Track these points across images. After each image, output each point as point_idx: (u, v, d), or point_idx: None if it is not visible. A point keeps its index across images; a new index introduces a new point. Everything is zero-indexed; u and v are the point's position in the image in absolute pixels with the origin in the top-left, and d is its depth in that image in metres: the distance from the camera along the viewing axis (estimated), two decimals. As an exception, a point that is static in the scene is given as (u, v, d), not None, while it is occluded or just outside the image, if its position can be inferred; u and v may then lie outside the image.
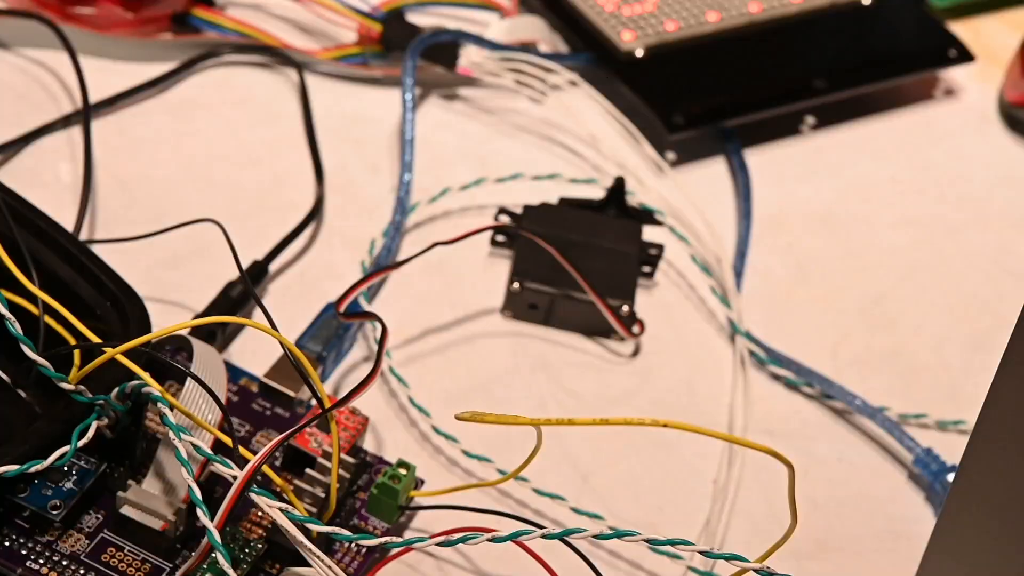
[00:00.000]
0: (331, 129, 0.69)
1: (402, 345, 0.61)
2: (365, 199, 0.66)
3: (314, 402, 0.54)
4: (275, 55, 0.70)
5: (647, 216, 0.66)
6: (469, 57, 0.69)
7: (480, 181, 0.66)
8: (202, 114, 0.68)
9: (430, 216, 0.66)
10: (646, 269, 0.65)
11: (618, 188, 0.65)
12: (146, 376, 0.49)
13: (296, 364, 0.51)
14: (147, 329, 0.53)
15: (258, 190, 0.65)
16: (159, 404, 0.49)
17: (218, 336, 0.58)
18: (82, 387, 0.50)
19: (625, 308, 0.62)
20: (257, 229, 0.63)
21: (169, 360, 0.53)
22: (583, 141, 0.70)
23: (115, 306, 0.54)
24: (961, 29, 0.80)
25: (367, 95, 0.71)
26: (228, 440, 0.49)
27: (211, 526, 0.47)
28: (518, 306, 0.63)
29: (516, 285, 0.62)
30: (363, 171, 0.67)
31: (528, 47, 0.72)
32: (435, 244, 0.59)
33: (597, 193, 0.67)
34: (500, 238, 0.65)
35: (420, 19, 0.73)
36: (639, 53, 0.73)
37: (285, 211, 0.65)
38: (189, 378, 0.50)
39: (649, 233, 0.66)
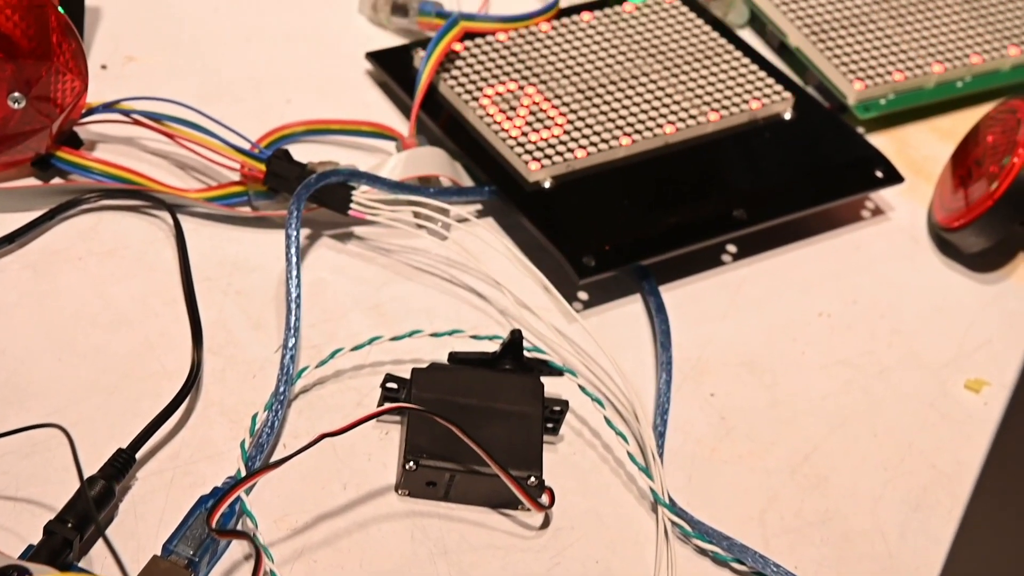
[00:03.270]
0: (210, 279, 0.61)
1: (287, 537, 0.53)
2: (247, 361, 0.59)
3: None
4: (147, 198, 0.62)
5: (547, 368, 0.59)
6: (363, 198, 0.63)
7: (374, 339, 0.59)
8: (66, 270, 0.60)
9: (319, 379, 0.59)
10: (550, 425, 0.58)
11: (514, 342, 0.58)
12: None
13: None
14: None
15: (128, 356, 0.58)
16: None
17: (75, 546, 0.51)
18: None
19: (532, 479, 0.55)
20: (125, 404, 0.56)
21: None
22: (487, 282, 0.64)
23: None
24: (887, 140, 0.74)
25: (251, 239, 0.63)
26: None
27: None
28: (414, 484, 0.55)
29: (411, 464, 0.55)
30: (245, 328, 0.60)
31: (429, 180, 0.66)
32: (322, 436, 0.51)
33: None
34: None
35: (311, 149, 0.66)
36: (547, 184, 0.65)
37: (158, 380, 0.57)
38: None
39: (553, 385, 0.58)
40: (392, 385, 0.57)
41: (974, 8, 0.77)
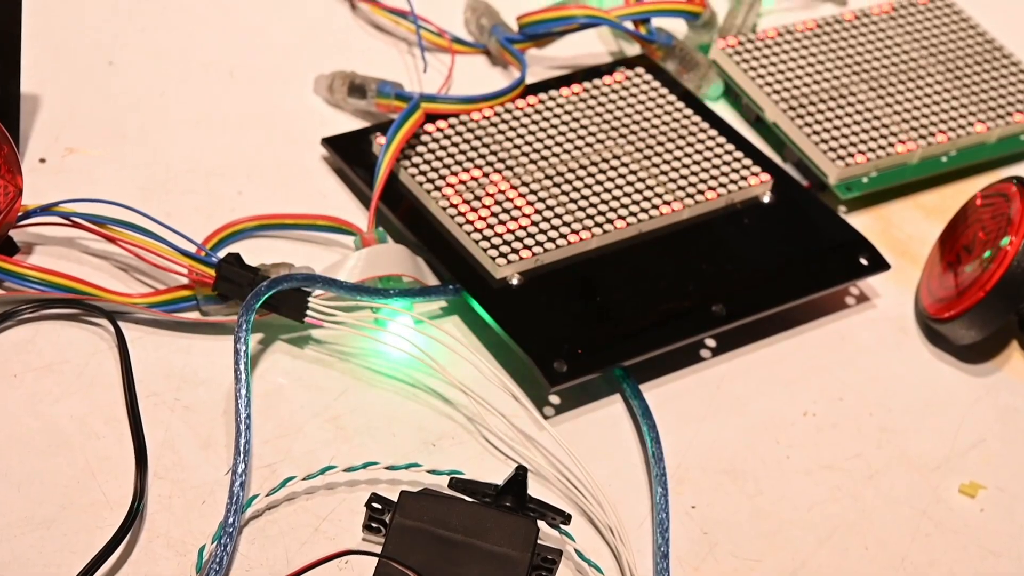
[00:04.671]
0: (156, 394, 0.56)
1: None
2: (196, 485, 0.54)
3: None
4: (87, 306, 0.58)
5: (550, 513, 0.53)
6: (319, 304, 0.58)
7: (327, 469, 0.54)
8: (0, 388, 0.56)
9: (271, 503, 0.55)
10: (542, 575, 0.53)
11: (517, 479, 0.53)
12: None
13: None
14: None
15: (66, 485, 0.53)
16: None
17: None
18: None
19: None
20: (63, 540, 0.51)
21: None
22: (453, 386, 0.59)
23: None
24: (870, 219, 0.70)
25: (200, 347, 0.58)
26: None
27: None
28: (378, 622, 0.52)
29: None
30: (194, 448, 0.55)
31: (391, 280, 0.61)
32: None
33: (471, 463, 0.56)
34: (374, 524, 0.53)
35: (264, 246, 0.62)
36: (515, 281, 0.61)
37: (98, 511, 0.52)
38: None
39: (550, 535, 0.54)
40: (377, 506, 0.53)
41: (957, 78, 0.74)
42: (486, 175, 0.65)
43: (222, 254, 0.59)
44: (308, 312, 0.57)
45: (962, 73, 0.74)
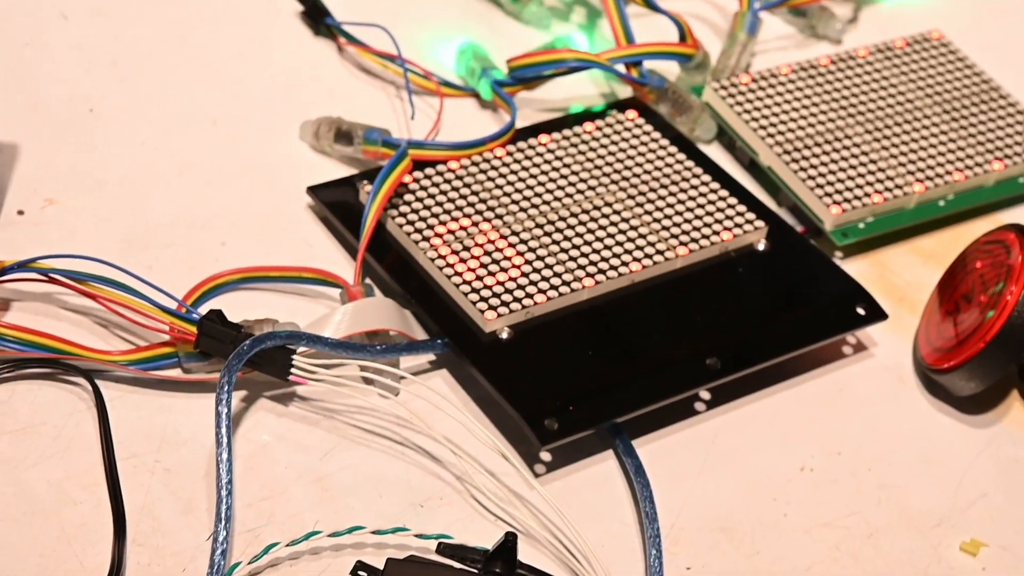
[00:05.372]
0: (136, 456, 0.54)
1: None
2: (177, 552, 0.52)
3: None
4: (65, 366, 0.56)
5: None
6: (304, 361, 0.56)
7: (312, 535, 0.52)
8: (-26, 453, 0.54)
9: (253, 572, 0.51)
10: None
11: (507, 546, 0.51)
12: None
13: None
14: None
15: (42, 554, 0.51)
16: None
17: None
18: None
19: None
20: (38, 612, 0.50)
21: None
22: (442, 443, 0.58)
23: None
24: (866, 265, 0.68)
25: (182, 406, 0.56)
26: None
27: None
28: None
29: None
30: (174, 513, 0.53)
31: (377, 334, 0.59)
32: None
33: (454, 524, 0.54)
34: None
35: (248, 299, 0.60)
36: (504, 335, 0.59)
37: (75, 580, 0.51)
38: None
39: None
40: (363, 574, 0.51)
41: (953, 119, 0.72)
42: (475, 224, 0.63)
43: (204, 309, 0.58)
44: (292, 370, 0.55)
45: (958, 115, 0.72)
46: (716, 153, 0.71)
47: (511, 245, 0.62)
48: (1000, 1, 0.82)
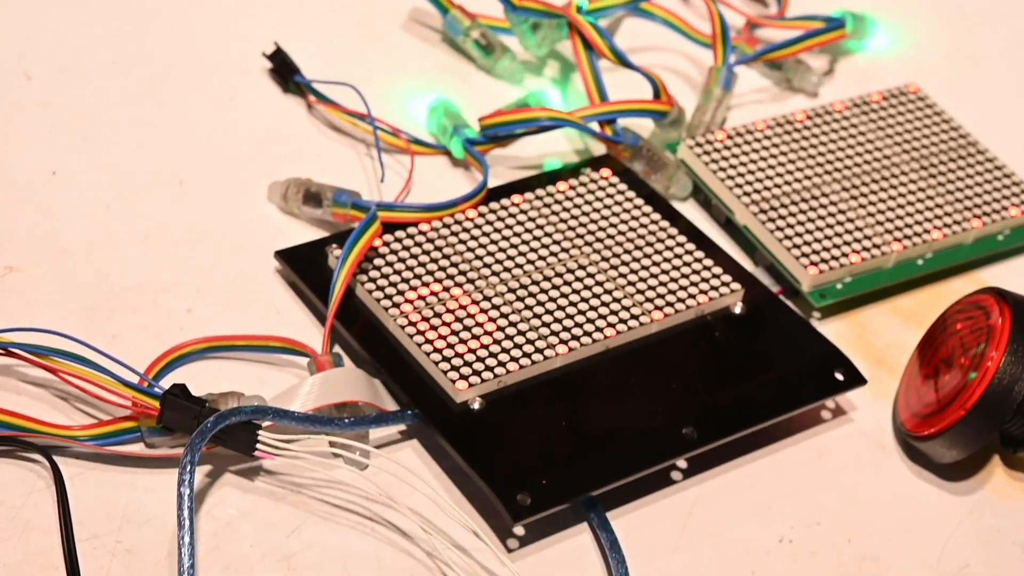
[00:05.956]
0: (96, 536, 0.52)
1: None
2: (137, 638, 0.51)
3: None
4: (21, 443, 0.54)
5: None
6: (270, 437, 0.54)
7: (279, 617, 0.51)
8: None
9: (219, 657, 0.52)
10: None
11: None
12: None
13: None
14: None
15: (-3, 642, 0.50)
16: None
17: None
18: None
19: None
20: None
21: None
22: (412, 519, 0.55)
23: None
24: (844, 325, 0.67)
25: (144, 483, 0.54)
26: None
27: None
28: None
29: None
30: (136, 596, 0.53)
31: (346, 406, 0.58)
32: None
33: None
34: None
35: (214, 369, 0.58)
36: (476, 405, 0.58)
37: (32, 670, 0.50)
38: None
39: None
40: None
41: (931, 176, 0.70)
42: (446, 289, 0.61)
43: (169, 381, 0.56)
44: (258, 446, 0.54)
45: (936, 170, 0.71)
46: (692, 211, 0.70)
47: (483, 311, 0.61)
48: (975, 51, 0.82)
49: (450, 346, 0.59)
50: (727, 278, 0.64)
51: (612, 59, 0.71)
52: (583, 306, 0.62)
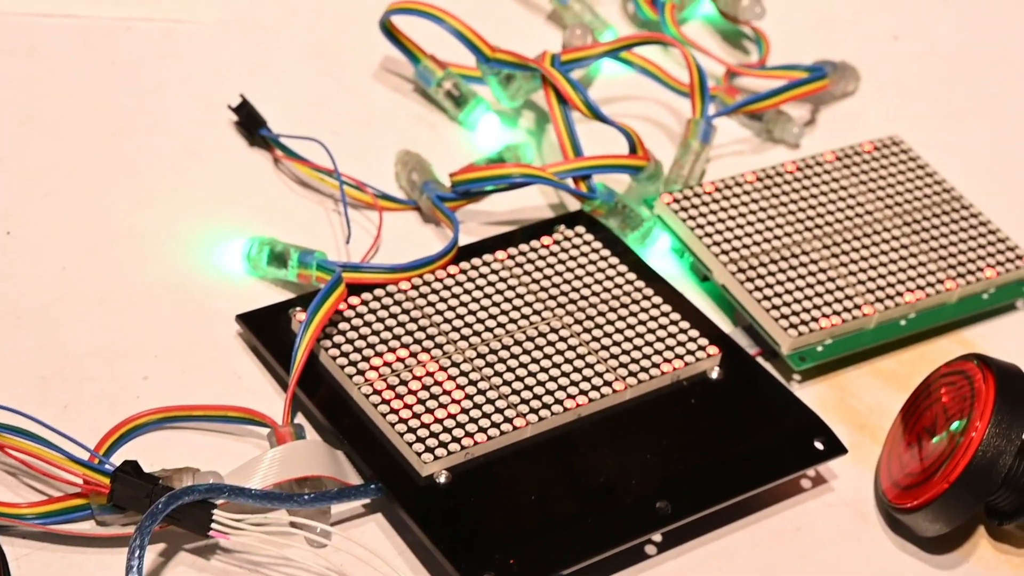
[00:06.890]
0: (44, 621, 0.51)
1: None
2: None
3: None
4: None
5: None
6: (225, 516, 0.52)
7: None
8: None
9: None
10: None
11: None
12: None
13: None
14: None
15: None
16: None
17: None
18: None
19: None
20: None
21: None
22: (375, 597, 0.54)
23: None
24: (825, 388, 0.64)
25: (95, 562, 0.52)
26: None
27: None
28: None
29: None
30: None
31: (307, 480, 0.55)
32: None
33: None
34: None
35: (169, 439, 0.55)
36: (442, 479, 0.55)
37: None
38: None
39: None
40: None
41: (915, 232, 0.68)
42: (413, 355, 0.59)
43: (123, 453, 0.54)
44: (213, 525, 0.51)
45: (920, 227, 0.69)
46: (669, 268, 0.68)
47: (451, 378, 0.58)
48: (959, 102, 0.80)
49: (416, 416, 0.57)
50: (704, 341, 0.62)
51: (586, 113, 0.68)
52: (554, 372, 0.59)
